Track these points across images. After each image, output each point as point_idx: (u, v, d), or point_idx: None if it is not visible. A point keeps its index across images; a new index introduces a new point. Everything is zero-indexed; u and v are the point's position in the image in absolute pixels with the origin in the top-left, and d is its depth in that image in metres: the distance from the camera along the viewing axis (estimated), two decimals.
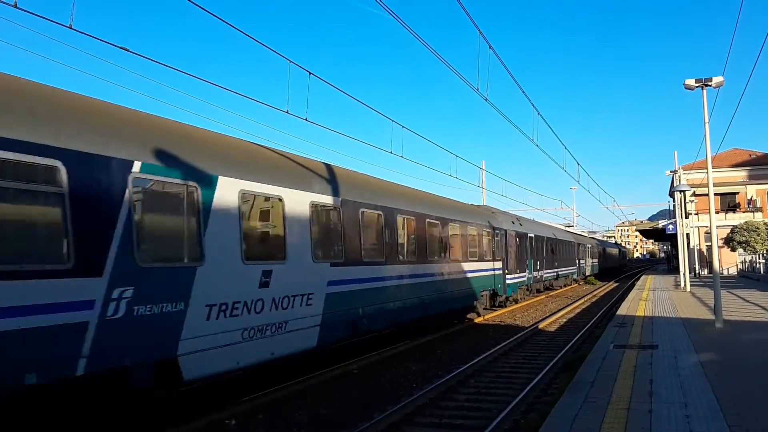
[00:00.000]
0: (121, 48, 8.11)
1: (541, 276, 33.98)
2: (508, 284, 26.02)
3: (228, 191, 9.16)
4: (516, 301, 28.08)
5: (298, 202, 10.87)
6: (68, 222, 6.68)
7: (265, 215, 10.51)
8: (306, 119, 12.08)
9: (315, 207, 11.44)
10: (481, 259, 22.23)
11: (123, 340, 7.29)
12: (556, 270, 38.53)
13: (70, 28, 7.14)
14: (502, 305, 25.82)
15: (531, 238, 31.31)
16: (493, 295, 24.34)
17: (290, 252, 10.57)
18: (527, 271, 30.19)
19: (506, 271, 25.54)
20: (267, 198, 10.25)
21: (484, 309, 23.49)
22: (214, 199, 8.87)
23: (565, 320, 23.17)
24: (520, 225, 29.95)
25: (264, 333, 9.75)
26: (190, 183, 8.49)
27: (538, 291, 34.47)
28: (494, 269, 23.83)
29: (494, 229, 24.20)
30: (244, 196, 9.53)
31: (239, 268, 9.31)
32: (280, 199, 10.45)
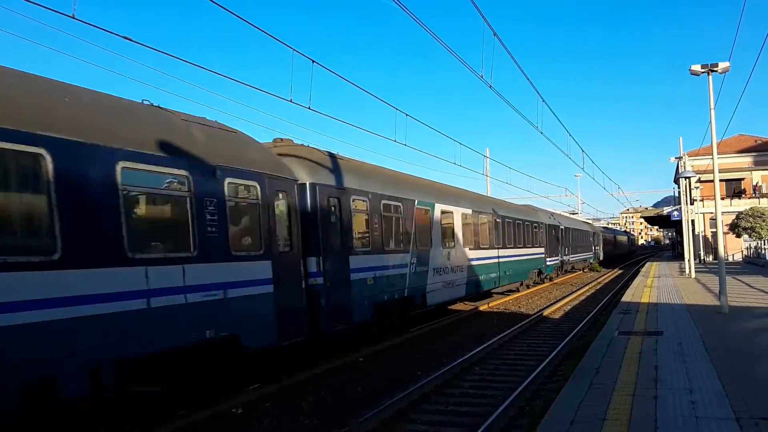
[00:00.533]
0: (123, 38, 8.08)
1: (569, 259, 41.08)
2: (548, 265, 34.17)
3: (437, 210, 18.01)
4: (551, 279, 35.41)
5: (458, 213, 19.96)
6: (411, 231, 15.95)
7: (446, 221, 18.89)
8: (309, 108, 12.06)
9: (463, 215, 20.47)
10: (533, 246, 30.79)
11: (413, 283, 15.92)
12: (578, 254, 45.25)
13: (73, 17, 7.12)
14: (543, 281, 33.42)
15: (561, 229, 38.37)
16: (539, 272, 32.38)
17: (456, 241, 19.62)
18: (559, 255, 37.59)
19: (546, 255, 33.51)
20: (447, 212, 18.94)
21: (533, 283, 31.39)
22: (433, 215, 17.68)
23: (569, 307, 23.20)
24: (554, 219, 37.35)
25: (449, 285, 18.70)
26: (428, 208, 17.39)
27: (566, 271, 40.72)
28: (540, 254, 32.37)
29: (540, 223, 32.48)
30: (442, 212, 18.34)
31: (441, 249, 18.03)
32: (452, 213, 19.39)
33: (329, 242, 12.04)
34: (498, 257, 24.21)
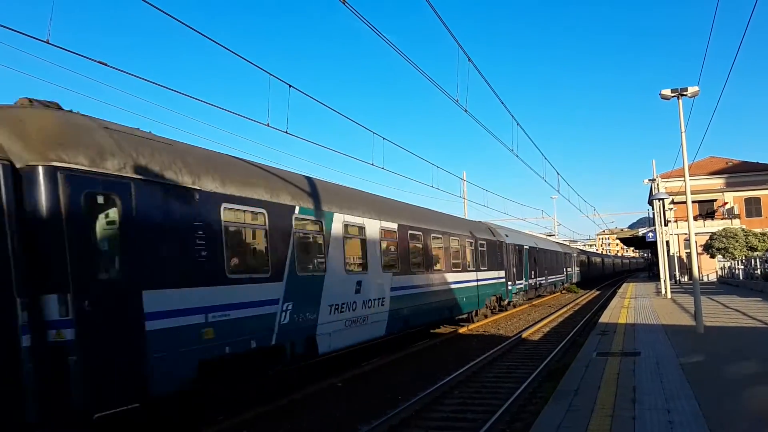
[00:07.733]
0: (99, 62, 8.04)
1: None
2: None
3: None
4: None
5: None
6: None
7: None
8: (287, 132, 12.06)
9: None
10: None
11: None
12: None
13: (47, 42, 7.07)
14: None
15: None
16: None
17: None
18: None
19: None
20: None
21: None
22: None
23: (548, 329, 23.26)
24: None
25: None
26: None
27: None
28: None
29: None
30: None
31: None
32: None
33: None
34: (544, 274, 40.64)
